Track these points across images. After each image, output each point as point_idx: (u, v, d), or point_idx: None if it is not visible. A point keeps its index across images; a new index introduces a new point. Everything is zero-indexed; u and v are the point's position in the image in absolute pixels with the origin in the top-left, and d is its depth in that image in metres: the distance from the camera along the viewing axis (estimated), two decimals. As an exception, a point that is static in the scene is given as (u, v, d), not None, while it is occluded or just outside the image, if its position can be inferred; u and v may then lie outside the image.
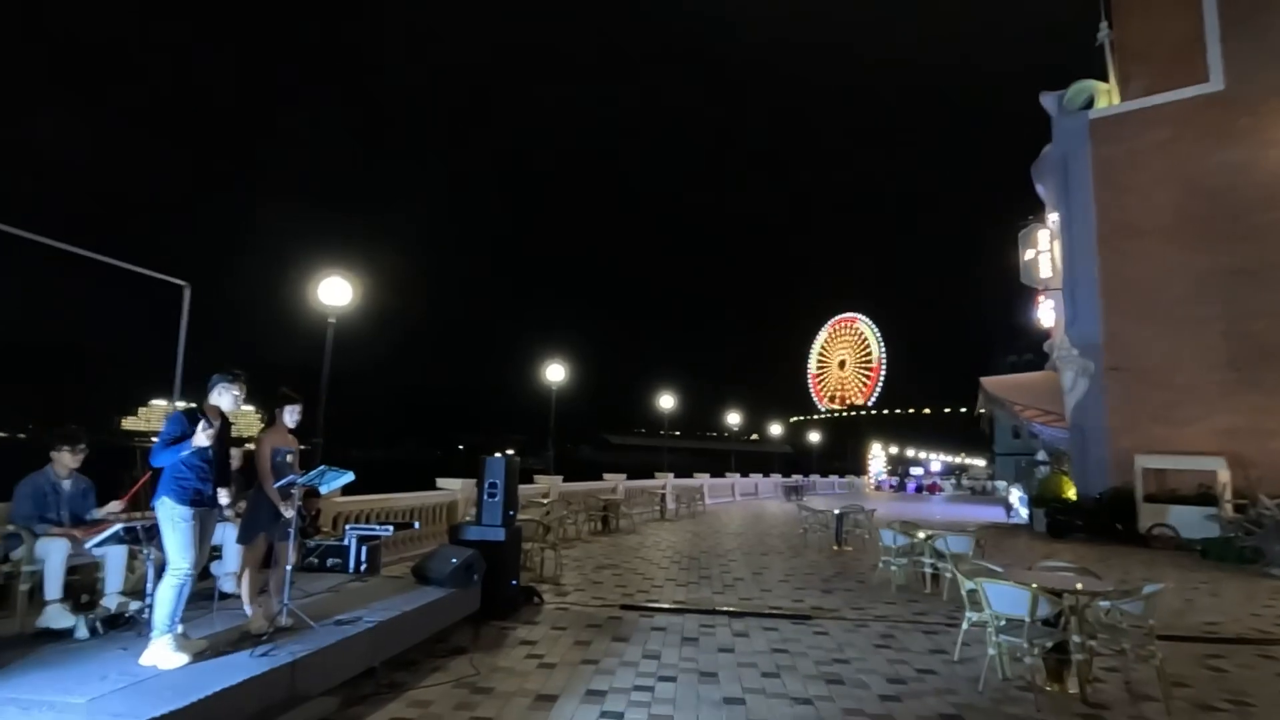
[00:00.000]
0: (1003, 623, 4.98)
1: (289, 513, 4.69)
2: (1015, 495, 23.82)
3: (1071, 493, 18.09)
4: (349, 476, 4.87)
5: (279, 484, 4.64)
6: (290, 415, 5.11)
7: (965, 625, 5.68)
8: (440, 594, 5.95)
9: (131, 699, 3.35)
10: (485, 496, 7.16)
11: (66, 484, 5.21)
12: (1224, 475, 15.10)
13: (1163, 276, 17.28)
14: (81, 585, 5.16)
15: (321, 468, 4.71)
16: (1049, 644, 4.84)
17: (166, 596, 3.89)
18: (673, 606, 7.59)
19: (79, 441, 5.25)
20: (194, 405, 4.29)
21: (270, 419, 5.11)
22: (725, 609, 7.52)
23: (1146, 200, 17.75)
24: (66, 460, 5.19)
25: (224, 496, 4.38)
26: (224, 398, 4.28)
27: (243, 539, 4.86)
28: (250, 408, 5.42)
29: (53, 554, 4.70)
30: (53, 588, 4.62)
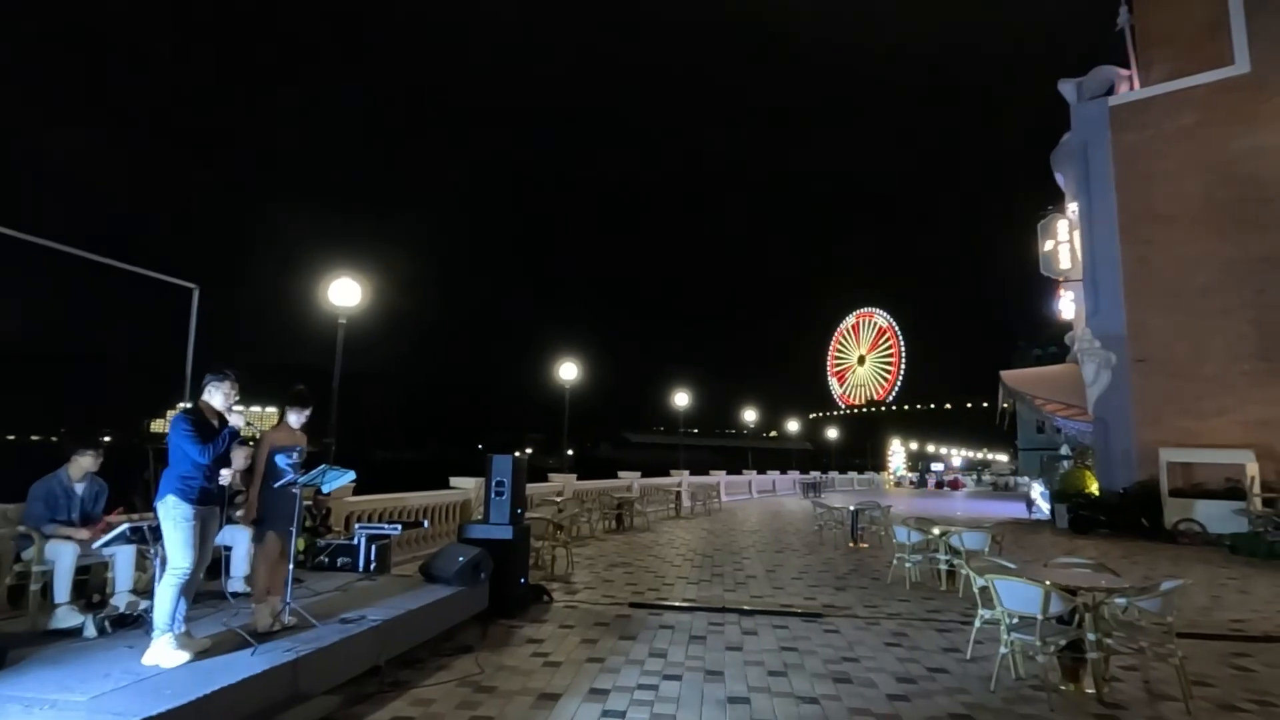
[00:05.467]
0: (1015, 620, 4.86)
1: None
2: (1037, 490, 23.40)
3: (1094, 487, 17.72)
4: (350, 476, 4.88)
5: (279, 483, 4.66)
6: (295, 417, 5.14)
7: (978, 623, 5.56)
8: (447, 592, 5.95)
9: (132, 697, 3.37)
10: (492, 495, 7.16)
11: (80, 487, 5.29)
12: (1253, 468, 14.69)
13: (1188, 265, 16.86)
14: (92, 585, 5.23)
15: (322, 467, 4.73)
16: (1063, 642, 4.71)
17: (166, 595, 3.92)
18: (682, 604, 7.53)
19: (99, 446, 5.33)
20: (190, 405, 4.33)
21: (279, 418, 5.17)
22: (735, 607, 7.45)
23: (1170, 188, 17.32)
24: (87, 464, 5.29)
25: (225, 477, 4.41)
26: (215, 396, 4.32)
27: (256, 537, 4.92)
28: (273, 409, 5.49)
29: (62, 556, 4.78)
30: (62, 590, 4.69)
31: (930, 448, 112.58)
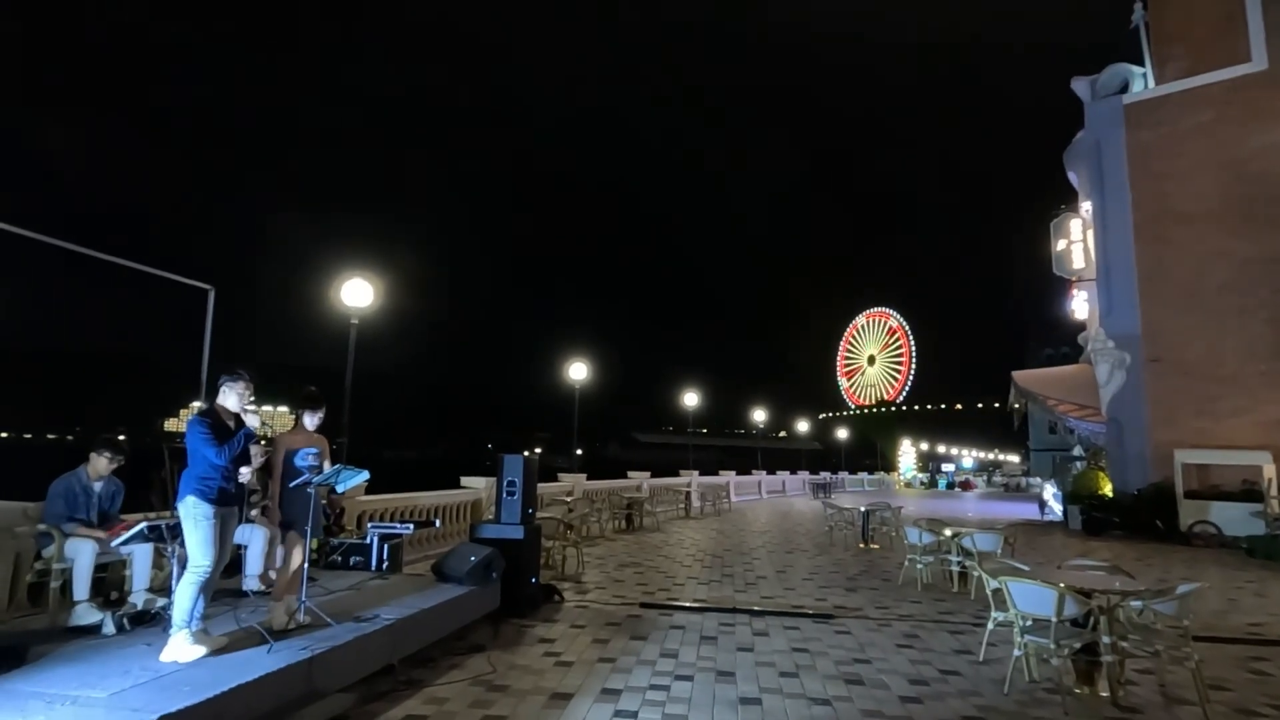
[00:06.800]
0: (1029, 623, 4.84)
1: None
2: (1050, 492, 23.24)
3: (1108, 489, 17.58)
4: (364, 475, 4.92)
5: (294, 483, 4.71)
6: (310, 418, 5.20)
7: (991, 625, 5.53)
8: (459, 592, 5.99)
9: (150, 694, 3.42)
10: (504, 495, 7.19)
11: (98, 485, 5.36)
12: (1270, 470, 14.51)
13: (1203, 264, 16.69)
14: (110, 583, 5.30)
15: (337, 466, 4.77)
16: (1077, 645, 4.68)
17: (186, 593, 3.97)
18: (693, 605, 7.54)
19: (119, 451, 5.40)
20: (206, 407, 4.37)
21: (295, 421, 5.25)
22: (746, 607, 7.45)
23: (1185, 186, 17.15)
24: (102, 467, 5.35)
25: (245, 474, 4.44)
26: (229, 397, 4.36)
27: (284, 539, 4.98)
28: (284, 409, 5.57)
29: (81, 554, 4.84)
30: (81, 588, 4.76)
31: (941, 448, 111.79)
